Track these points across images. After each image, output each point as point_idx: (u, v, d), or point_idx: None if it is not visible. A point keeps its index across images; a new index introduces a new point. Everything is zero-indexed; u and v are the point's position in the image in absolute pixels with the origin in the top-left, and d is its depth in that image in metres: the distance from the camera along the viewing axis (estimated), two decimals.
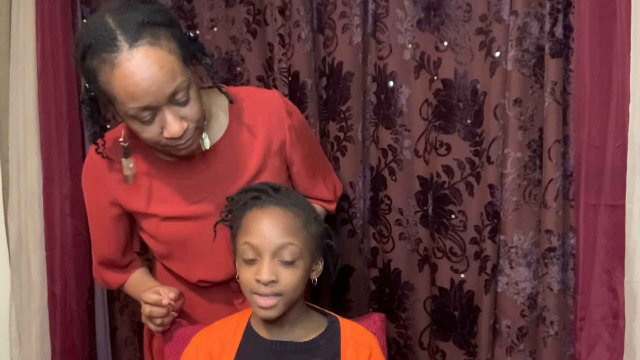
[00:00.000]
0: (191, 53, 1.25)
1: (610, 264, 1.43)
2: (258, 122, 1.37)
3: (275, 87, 1.68)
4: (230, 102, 1.34)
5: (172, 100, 1.19)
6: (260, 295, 1.17)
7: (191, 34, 1.28)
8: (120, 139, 1.33)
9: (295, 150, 1.40)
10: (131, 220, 1.43)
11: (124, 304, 1.99)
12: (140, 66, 1.14)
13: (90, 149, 1.41)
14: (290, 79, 1.66)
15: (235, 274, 1.28)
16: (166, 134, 1.21)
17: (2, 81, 1.79)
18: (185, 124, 1.21)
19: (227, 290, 1.43)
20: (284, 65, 1.65)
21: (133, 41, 1.14)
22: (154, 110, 1.18)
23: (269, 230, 1.17)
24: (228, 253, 1.34)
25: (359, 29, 1.57)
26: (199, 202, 1.34)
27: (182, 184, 1.35)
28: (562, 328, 1.48)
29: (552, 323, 1.47)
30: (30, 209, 1.79)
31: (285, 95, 1.66)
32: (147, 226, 1.39)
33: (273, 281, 1.16)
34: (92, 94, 1.25)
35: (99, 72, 1.17)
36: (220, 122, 1.36)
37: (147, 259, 1.77)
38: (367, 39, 1.60)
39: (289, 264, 1.17)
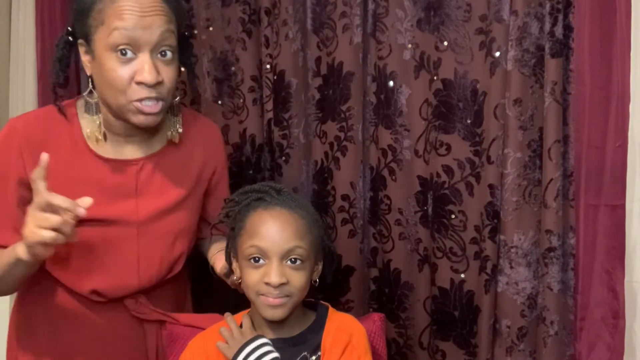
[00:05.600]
0: (181, 40, 1.29)
1: (610, 264, 1.43)
2: (198, 146, 1.41)
3: (261, 88, 1.69)
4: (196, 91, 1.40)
5: (156, 47, 1.20)
6: (268, 296, 1.17)
7: (186, 32, 1.34)
8: (85, 94, 1.28)
9: (223, 180, 1.48)
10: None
11: None
12: (143, 4, 1.19)
13: (28, 115, 1.33)
14: (275, 78, 1.66)
15: (132, 291, 1.32)
16: (139, 77, 1.19)
17: (2, 81, 1.79)
18: (160, 78, 1.21)
19: (122, 310, 1.35)
20: (268, 67, 1.66)
21: None
22: (136, 46, 1.19)
23: (277, 233, 1.17)
24: (132, 266, 1.32)
25: (359, 29, 1.57)
26: (117, 206, 1.28)
27: (106, 183, 1.29)
28: (562, 328, 1.48)
29: (552, 323, 1.47)
30: None
31: (268, 96, 1.67)
32: None
33: (283, 284, 1.16)
34: (71, 38, 1.26)
35: (98, 2, 1.20)
36: (163, 135, 1.36)
37: None
38: (367, 38, 1.60)
39: (297, 266, 1.18)
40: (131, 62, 1.20)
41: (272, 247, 1.17)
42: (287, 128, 1.68)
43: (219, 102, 1.76)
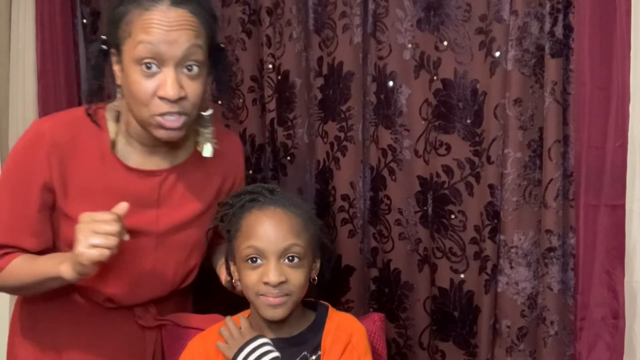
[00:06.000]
0: (214, 53, 1.26)
1: (610, 264, 1.43)
2: (221, 160, 1.38)
3: (261, 88, 1.69)
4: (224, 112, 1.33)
5: (182, 62, 1.18)
6: (268, 296, 1.17)
7: (222, 44, 1.30)
8: (115, 102, 1.27)
9: None
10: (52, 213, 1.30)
11: None
12: (170, 18, 1.16)
13: (56, 119, 1.29)
14: (279, 78, 1.66)
15: (145, 300, 1.33)
16: (161, 92, 1.17)
17: (2, 81, 1.79)
18: (183, 93, 1.18)
19: (130, 316, 1.37)
20: (270, 66, 1.66)
21: (176, 2, 1.18)
22: (161, 60, 1.17)
23: (273, 232, 1.17)
24: (147, 276, 1.33)
25: (359, 29, 1.57)
26: (138, 217, 1.27)
27: (129, 193, 1.28)
28: (562, 328, 1.48)
29: (552, 323, 1.47)
30: None
31: (270, 96, 1.67)
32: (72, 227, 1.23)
33: (282, 282, 1.16)
34: (104, 46, 1.25)
35: (128, 13, 1.18)
36: (188, 147, 1.35)
37: None
38: (367, 38, 1.60)
39: (295, 263, 1.18)
40: (155, 76, 1.18)
41: (268, 246, 1.17)
42: (292, 128, 1.68)
43: (219, 102, 1.76)
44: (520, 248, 1.50)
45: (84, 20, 1.88)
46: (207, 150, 1.31)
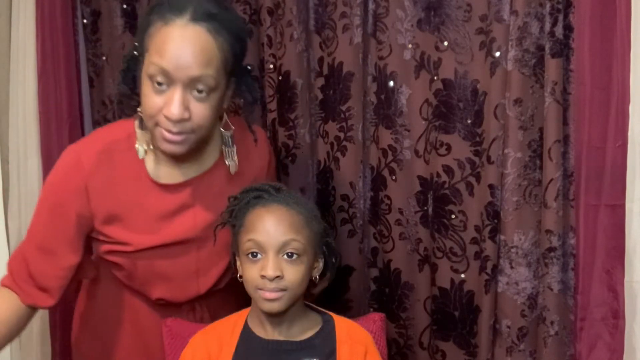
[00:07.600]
0: (238, 74, 1.27)
1: (610, 264, 1.43)
2: (247, 161, 1.40)
3: (262, 88, 1.70)
4: (255, 140, 1.39)
5: (191, 84, 1.19)
6: (265, 290, 1.19)
7: (249, 66, 1.32)
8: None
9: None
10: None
11: None
12: (186, 37, 1.18)
13: (93, 148, 1.31)
14: (280, 78, 1.66)
15: (193, 296, 1.38)
16: (165, 110, 1.19)
17: (2, 81, 1.79)
18: (187, 115, 1.20)
19: (179, 311, 1.44)
20: (271, 67, 1.66)
21: (196, 19, 1.18)
22: (170, 80, 1.18)
23: (273, 227, 1.19)
24: (191, 276, 1.38)
25: (359, 29, 1.58)
26: (176, 228, 1.34)
27: (166, 209, 1.34)
28: (562, 328, 1.48)
29: (552, 323, 1.47)
30: (30, 209, 1.79)
31: (272, 96, 1.67)
32: (117, 253, 1.36)
33: (278, 277, 1.17)
34: (135, 52, 1.27)
35: (152, 25, 1.21)
36: (213, 152, 1.37)
37: None
38: (367, 39, 1.60)
39: (293, 260, 1.19)
40: (164, 93, 1.20)
41: (267, 240, 1.19)
42: (293, 128, 1.68)
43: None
44: (520, 248, 1.50)
45: (84, 20, 1.88)
46: (231, 168, 1.35)
